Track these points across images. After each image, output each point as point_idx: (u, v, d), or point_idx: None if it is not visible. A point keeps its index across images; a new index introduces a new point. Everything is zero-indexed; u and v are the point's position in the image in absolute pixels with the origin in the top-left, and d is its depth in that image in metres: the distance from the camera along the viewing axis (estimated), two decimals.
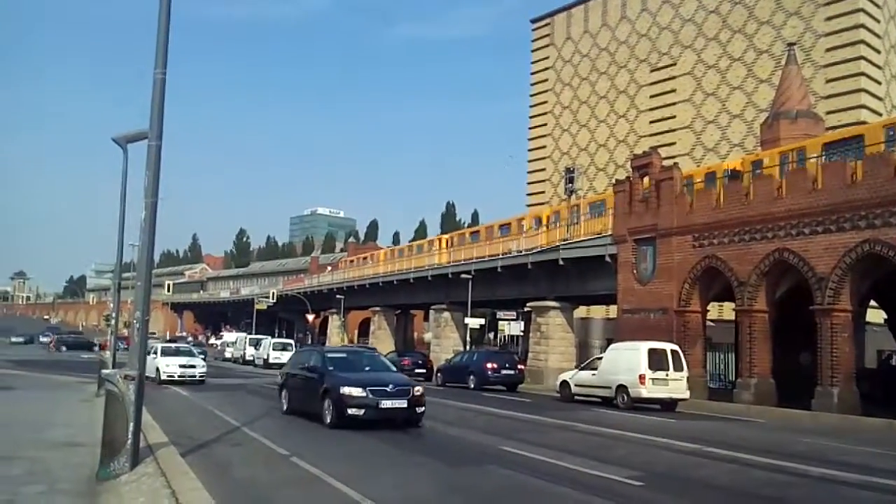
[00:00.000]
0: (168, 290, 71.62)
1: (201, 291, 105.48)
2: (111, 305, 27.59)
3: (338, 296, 54.78)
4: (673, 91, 55.07)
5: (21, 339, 71.45)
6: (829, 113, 41.57)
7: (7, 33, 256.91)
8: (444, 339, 41.30)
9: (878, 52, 46.44)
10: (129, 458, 7.98)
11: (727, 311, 31.13)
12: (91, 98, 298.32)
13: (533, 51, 68.69)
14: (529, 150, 67.57)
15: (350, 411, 13.13)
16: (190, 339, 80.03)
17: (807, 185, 21.23)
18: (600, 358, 23.16)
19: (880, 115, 45.31)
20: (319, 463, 9.22)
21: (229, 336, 59.05)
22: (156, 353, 26.01)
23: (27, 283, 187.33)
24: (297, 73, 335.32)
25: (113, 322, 22.76)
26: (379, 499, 7.22)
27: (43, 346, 64.39)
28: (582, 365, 24.71)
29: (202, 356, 31.94)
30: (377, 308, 50.89)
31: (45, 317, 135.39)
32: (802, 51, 44.53)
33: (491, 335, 59.17)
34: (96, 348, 52.52)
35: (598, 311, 48.01)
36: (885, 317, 28.96)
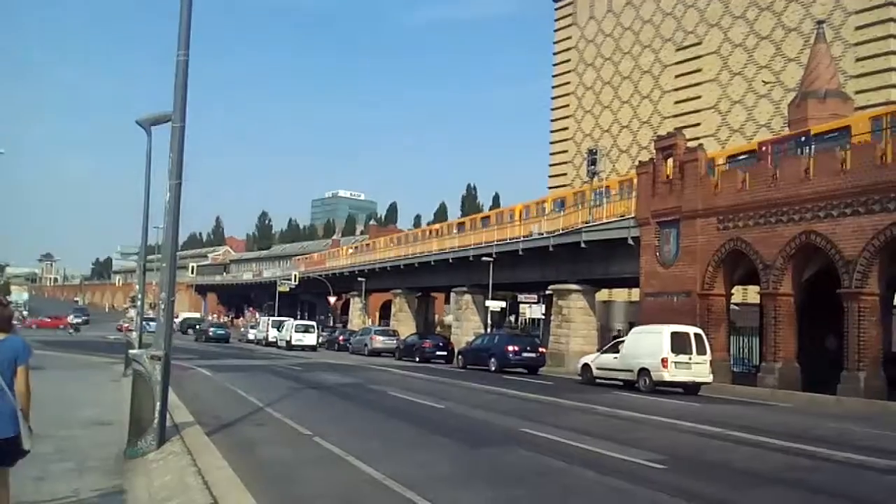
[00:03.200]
0: (192, 273, 72.42)
1: (224, 274, 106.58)
2: (137, 287, 27.97)
3: (359, 278, 55.00)
4: (698, 71, 54.15)
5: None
6: (857, 92, 40.62)
7: (35, 16, 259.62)
8: (464, 321, 41.37)
9: None
10: (156, 436, 8.12)
11: (752, 294, 30.80)
12: (118, 80, 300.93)
13: (556, 31, 67.87)
14: (551, 132, 66.98)
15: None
16: (213, 317, 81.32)
17: (835, 166, 20.84)
18: (622, 341, 23.06)
19: None
20: (342, 443, 9.30)
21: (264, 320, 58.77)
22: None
23: (55, 265, 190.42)
24: (319, 57, 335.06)
25: (139, 303, 23.08)
26: (400, 478, 7.27)
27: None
28: (604, 348, 24.62)
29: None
30: (398, 290, 51.06)
31: (75, 299, 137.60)
32: (832, 29, 43.49)
33: (512, 318, 59.16)
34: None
35: (620, 295, 47.75)
36: None
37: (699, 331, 21.42)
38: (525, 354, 27.90)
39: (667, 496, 7.12)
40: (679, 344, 20.26)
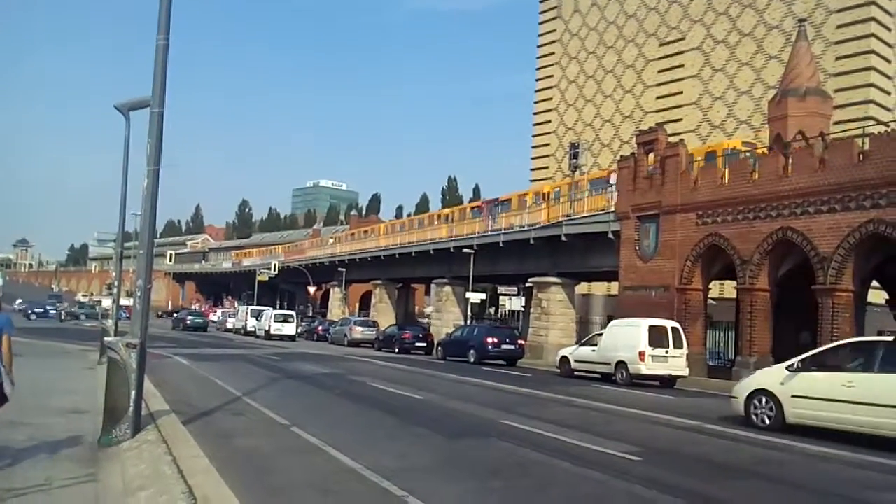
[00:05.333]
0: (170, 260, 71.69)
1: (203, 262, 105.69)
2: (113, 274, 27.64)
3: (339, 268, 54.81)
4: (681, 66, 54.45)
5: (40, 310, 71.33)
6: (837, 91, 41.14)
7: (12, 1, 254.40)
8: (445, 313, 41.42)
9: (889, 29, 45.81)
10: (131, 425, 8.04)
11: (728, 289, 31.13)
12: (95, 65, 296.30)
13: (540, 23, 67.84)
14: (534, 125, 67.05)
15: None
16: (196, 307, 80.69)
17: (813, 163, 21.09)
18: (600, 334, 23.20)
19: (889, 94, 44.91)
20: (319, 433, 9.28)
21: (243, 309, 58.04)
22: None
23: (30, 250, 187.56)
24: (301, 47, 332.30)
25: (115, 291, 22.80)
26: (378, 468, 7.27)
27: (52, 317, 63.76)
28: (582, 341, 24.77)
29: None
30: (379, 281, 50.96)
31: (53, 287, 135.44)
32: (813, 27, 43.91)
33: (492, 310, 59.31)
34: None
35: (599, 288, 48.04)
36: (887, 297, 28.93)
37: (676, 325, 21.61)
38: (504, 346, 28.00)
39: (642, 488, 7.19)
40: (656, 337, 20.43)
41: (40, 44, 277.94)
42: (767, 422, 11.68)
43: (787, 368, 11.91)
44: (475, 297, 39.07)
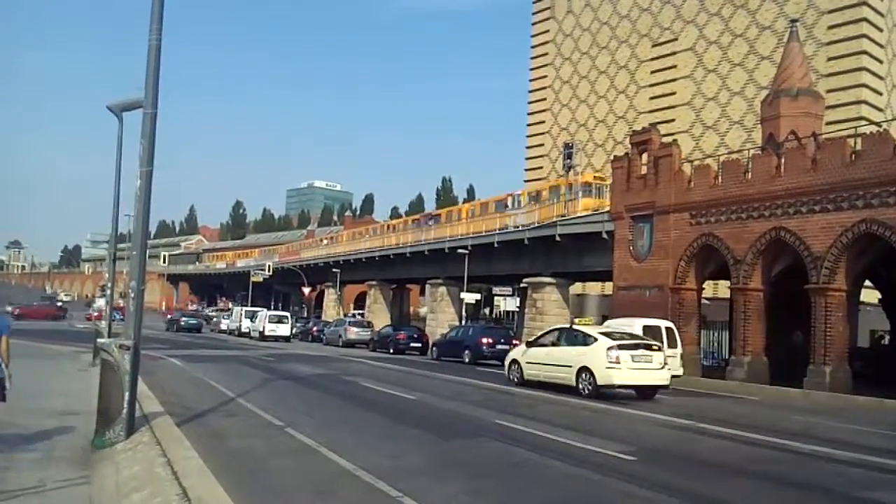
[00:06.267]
0: (164, 262, 71.53)
1: (197, 263, 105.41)
2: (106, 276, 27.53)
3: (334, 269, 54.76)
4: (674, 67, 54.65)
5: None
6: (829, 91, 41.33)
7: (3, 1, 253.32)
8: (439, 313, 41.44)
9: (881, 30, 46.08)
10: (125, 426, 8.01)
11: (722, 289, 31.24)
12: (89, 65, 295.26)
13: (533, 24, 67.98)
14: (528, 126, 67.19)
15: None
16: (194, 307, 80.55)
17: (805, 163, 21.16)
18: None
19: (880, 94, 45.16)
20: (313, 434, 9.27)
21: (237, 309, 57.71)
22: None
23: (22, 252, 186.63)
24: (296, 47, 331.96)
25: (108, 292, 22.70)
26: (372, 469, 7.27)
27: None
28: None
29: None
30: (373, 282, 50.93)
31: (47, 288, 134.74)
32: (805, 28, 44.12)
33: (487, 310, 59.37)
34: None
35: (593, 288, 48.16)
36: (879, 297, 29.09)
37: (670, 324, 21.66)
38: (499, 346, 27.97)
39: (636, 487, 7.20)
40: (651, 337, 20.45)
41: (34, 43, 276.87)
42: (516, 380, 18.36)
43: (525, 345, 19.45)
44: (470, 297, 39.14)
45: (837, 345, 20.28)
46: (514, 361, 18.81)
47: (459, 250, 36.47)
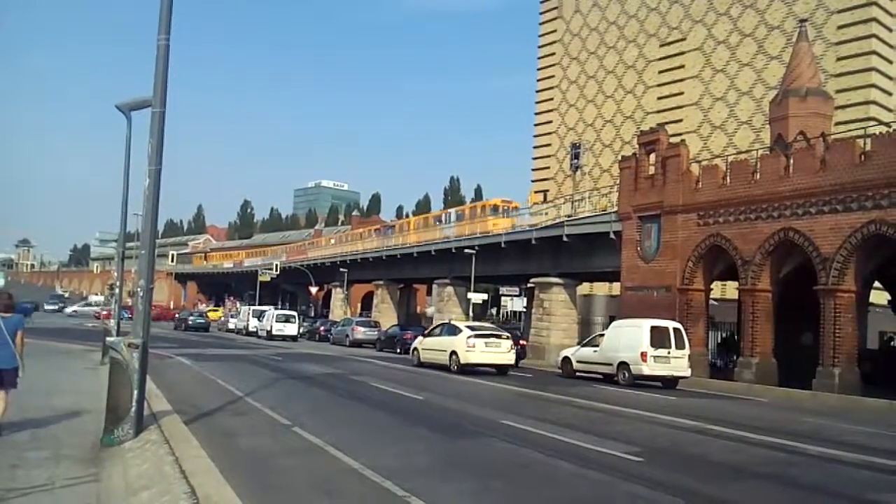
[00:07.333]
0: (172, 261, 71.72)
1: (205, 262, 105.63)
2: (115, 275, 27.66)
3: (341, 269, 54.80)
4: (682, 67, 54.40)
5: (55, 307, 73.21)
6: (838, 91, 41.09)
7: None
8: (446, 313, 41.38)
9: (891, 30, 45.74)
10: (133, 425, 8.04)
11: (730, 290, 31.13)
12: (98, 65, 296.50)
13: (541, 24, 67.79)
14: (535, 126, 66.99)
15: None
16: (202, 307, 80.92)
17: (814, 164, 21.06)
18: (602, 335, 23.18)
19: (890, 94, 44.83)
20: (321, 433, 9.29)
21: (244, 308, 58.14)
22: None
23: (32, 251, 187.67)
24: (304, 47, 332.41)
25: (117, 291, 22.82)
26: (379, 468, 7.27)
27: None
28: (584, 341, 24.75)
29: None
30: (380, 282, 50.92)
31: (57, 288, 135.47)
32: (814, 27, 43.86)
33: (493, 311, 59.35)
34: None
35: (601, 288, 48.00)
36: (889, 298, 28.91)
37: (678, 325, 21.61)
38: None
39: (644, 488, 7.18)
40: (658, 338, 20.43)
41: (43, 42, 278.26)
42: (416, 363, 24.11)
43: (422, 336, 25.32)
44: (477, 297, 39.07)
45: (846, 346, 20.18)
46: (415, 349, 24.72)
47: (466, 250, 36.43)
